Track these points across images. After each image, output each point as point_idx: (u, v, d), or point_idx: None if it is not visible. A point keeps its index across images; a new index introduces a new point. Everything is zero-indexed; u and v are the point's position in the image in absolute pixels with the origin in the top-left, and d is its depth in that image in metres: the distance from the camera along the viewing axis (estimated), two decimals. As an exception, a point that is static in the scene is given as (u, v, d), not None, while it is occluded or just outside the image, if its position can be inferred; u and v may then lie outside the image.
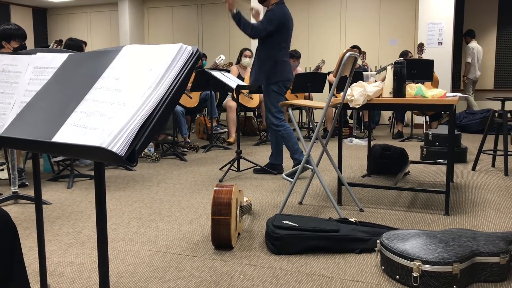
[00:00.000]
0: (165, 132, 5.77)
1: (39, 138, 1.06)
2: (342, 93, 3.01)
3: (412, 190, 3.31)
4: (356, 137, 6.69)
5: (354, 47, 6.95)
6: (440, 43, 7.76)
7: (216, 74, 4.40)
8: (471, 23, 8.65)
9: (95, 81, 1.12)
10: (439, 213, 3.01)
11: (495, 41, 8.59)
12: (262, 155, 5.39)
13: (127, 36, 10.45)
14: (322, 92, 7.11)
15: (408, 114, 8.02)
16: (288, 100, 3.29)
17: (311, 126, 6.82)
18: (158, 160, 5.06)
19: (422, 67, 5.82)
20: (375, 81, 3.41)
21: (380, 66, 8.48)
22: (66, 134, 1.03)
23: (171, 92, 1.02)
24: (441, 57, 7.69)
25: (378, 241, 2.16)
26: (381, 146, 4.32)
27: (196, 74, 5.58)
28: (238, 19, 3.97)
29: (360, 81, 3.11)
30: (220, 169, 4.58)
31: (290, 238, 2.33)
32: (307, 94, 6.89)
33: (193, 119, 7.39)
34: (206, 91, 6.26)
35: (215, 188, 2.41)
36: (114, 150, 0.94)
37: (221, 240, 2.38)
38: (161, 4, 10.75)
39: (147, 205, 3.30)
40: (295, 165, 4.16)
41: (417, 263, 1.91)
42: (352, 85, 3.04)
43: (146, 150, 5.20)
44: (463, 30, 8.56)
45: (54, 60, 1.31)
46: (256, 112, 7.55)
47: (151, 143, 5.51)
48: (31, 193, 3.53)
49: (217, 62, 6.85)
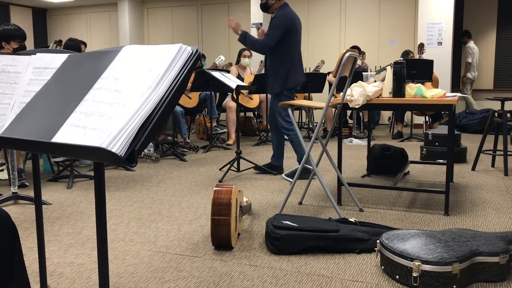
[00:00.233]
0: (165, 133, 5.77)
1: (39, 139, 1.06)
2: (342, 93, 3.01)
3: (412, 190, 3.31)
4: (356, 137, 6.69)
5: (354, 47, 6.95)
6: (440, 43, 7.76)
7: (216, 75, 4.41)
8: (471, 23, 8.65)
9: (95, 82, 1.12)
10: (439, 213, 3.01)
11: (495, 41, 8.59)
12: (262, 155, 5.39)
13: (127, 37, 10.44)
14: (322, 92, 7.11)
15: (408, 114, 8.02)
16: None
17: (311, 126, 6.82)
18: (158, 161, 5.06)
19: (422, 67, 5.82)
20: (375, 81, 3.41)
21: (380, 66, 8.48)
22: (66, 135, 1.03)
23: (171, 93, 1.02)
24: (441, 57, 7.69)
25: (378, 241, 2.16)
26: (381, 146, 4.32)
27: (196, 75, 5.58)
28: (244, 39, 3.94)
29: (360, 81, 3.11)
30: (220, 169, 4.58)
31: (290, 238, 2.34)
32: (307, 94, 6.90)
33: (193, 120, 7.39)
34: (206, 92, 6.26)
35: (215, 189, 2.41)
36: (114, 151, 0.94)
37: (221, 240, 2.38)
38: (161, 5, 10.75)
39: (147, 206, 3.30)
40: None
41: (417, 263, 1.91)
42: (352, 85, 3.04)
43: (146, 151, 5.20)
44: (463, 30, 8.56)
45: (54, 61, 1.31)
46: (256, 113, 7.55)
47: (151, 144, 5.51)
48: (31, 194, 3.52)
49: (217, 63, 6.85)
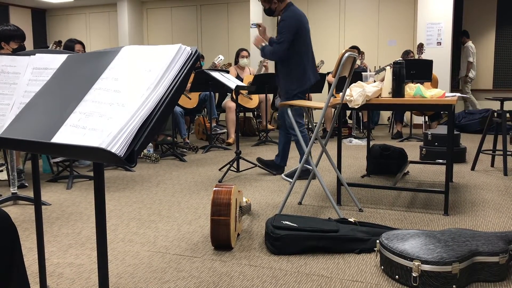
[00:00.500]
0: (164, 133, 5.77)
1: (38, 139, 1.06)
2: (341, 94, 3.01)
3: (412, 190, 3.32)
4: (356, 137, 6.69)
5: (353, 48, 6.95)
6: (439, 43, 7.76)
7: (215, 75, 4.40)
8: (470, 23, 8.66)
9: (94, 82, 1.12)
10: (438, 213, 3.02)
11: (494, 41, 8.60)
12: (262, 156, 5.39)
13: (126, 37, 10.44)
14: (321, 93, 7.12)
15: (408, 114, 8.02)
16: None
17: (310, 127, 6.82)
18: (158, 161, 5.06)
19: (421, 67, 5.83)
20: (374, 81, 3.41)
21: (379, 67, 8.49)
22: (65, 135, 1.03)
23: (170, 93, 1.02)
24: (440, 57, 7.70)
25: (378, 241, 2.16)
26: (381, 146, 4.32)
27: (196, 75, 5.58)
28: (264, 54, 3.94)
29: (359, 81, 3.11)
30: (220, 170, 4.58)
31: (290, 239, 2.34)
32: (306, 95, 6.89)
33: (193, 120, 7.39)
34: (205, 92, 6.26)
35: (215, 189, 2.41)
36: (113, 151, 0.94)
37: (221, 241, 2.38)
38: (160, 5, 10.75)
39: (147, 206, 3.30)
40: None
41: (417, 263, 1.91)
42: (351, 86, 3.04)
43: (146, 151, 5.20)
44: (462, 30, 8.57)
45: (53, 61, 1.31)
46: (256, 113, 7.55)
47: (151, 144, 5.51)
48: (31, 194, 3.52)
49: (216, 63, 6.85)
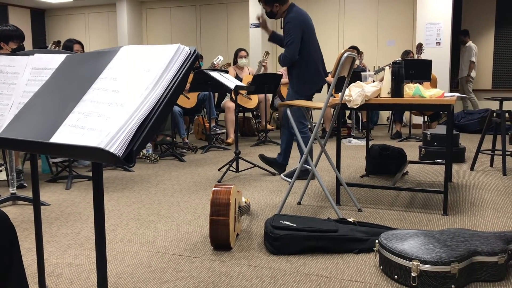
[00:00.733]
0: (164, 133, 5.77)
1: (37, 139, 1.06)
2: (340, 94, 3.01)
3: (411, 190, 3.32)
4: (355, 137, 6.70)
5: (352, 48, 6.95)
6: (438, 43, 7.77)
7: (215, 75, 4.40)
8: (469, 23, 8.66)
9: (93, 82, 1.12)
10: (438, 213, 3.02)
11: (493, 41, 8.60)
12: (261, 156, 5.39)
13: (125, 37, 10.44)
14: (321, 93, 7.09)
15: (407, 114, 8.02)
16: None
17: (310, 127, 6.81)
18: (157, 161, 5.06)
19: (420, 67, 5.83)
20: (373, 81, 3.41)
21: (378, 67, 8.49)
22: (64, 135, 1.03)
23: (169, 93, 1.02)
24: (439, 57, 7.70)
25: (377, 241, 2.16)
26: (380, 146, 4.32)
27: (195, 75, 5.58)
28: (282, 63, 3.91)
29: (358, 81, 3.11)
30: (219, 170, 4.58)
31: (289, 239, 2.34)
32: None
33: (192, 120, 7.39)
34: (205, 92, 6.26)
35: (214, 189, 2.41)
36: (112, 151, 0.94)
37: (220, 241, 2.38)
38: (159, 5, 10.75)
39: (146, 206, 3.29)
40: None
41: (416, 263, 1.91)
42: (350, 86, 3.04)
43: (145, 151, 5.19)
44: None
45: (52, 61, 1.31)
46: (255, 113, 7.55)
47: (150, 144, 5.51)
48: (30, 194, 3.52)
49: (215, 63, 6.85)
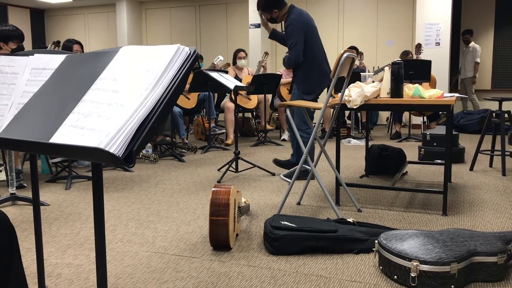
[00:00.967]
0: (163, 133, 5.77)
1: (37, 139, 1.06)
2: (340, 94, 3.01)
3: (410, 191, 3.32)
4: (354, 138, 6.70)
5: (352, 48, 6.96)
6: (438, 44, 7.77)
7: (214, 75, 4.40)
8: (469, 24, 8.67)
9: (93, 82, 1.12)
10: (437, 213, 3.02)
11: (492, 42, 8.61)
12: (261, 156, 5.39)
13: (125, 37, 10.44)
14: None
15: (406, 115, 8.03)
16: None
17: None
18: (156, 161, 5.06)
19: (420, 68, 5.83)
20: (373, 82, 3.41)
21: (378, 67, 8.49)
22: (64, 135, 1.03)
23: (169, 93, 1.02)
24: (439, 58, 7.71)
25: (376, 242, 2.16)
26: (379, 147, 4.32)
27: (194, 75, 5.58)
28: (288, 65, 3.90)
29: (358, 82, 3.12)
30: (218, 170, 4.58)
31: (288, 239, 2.34)
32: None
33: (191, 120, 7.39)
34: (204, 92, 6.26)
35: (213, 189, 2.41)
36: (112, 151, 0.94)
37: (219, 241, 2.38)
38: (159, 5, 10.75)
39: (145, 206, 3.29)
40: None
41: (415, 263, 1.92)
42: (350, 86, 3.05)
43: (144, 151, 5.19)
44: (461, 31, 8.57)
45: (52, 61, 1.31)
46: (254, 113, 7.55)
47: (149, 144, 5.51)
48: (29, 195, 3.52)
49: (215, 63, 6.86)
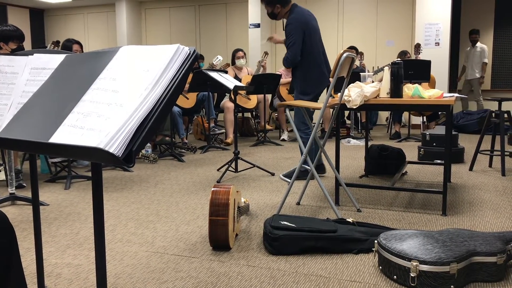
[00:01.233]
0: (163, 133, 5.77)
1: (36, 139, 1.06)
2: (340, 94, 3.01)
3: (410, 191, 3.32)
4: (354, 138, 6.70)
5: (351, 48, 6.96)
6: (437, 44, 7.77)
7: (214, 75, 4.40)
8: (468, 24, 8.67)
9: (92, 82, 1.12)
10: (437, 213, 3.02)
11: (492, 42, 8.61)
12: (260, 156, 5.39)
13: (125, 37, 10.43)
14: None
15: (406, 115, 8.03)
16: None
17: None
18: (156, 161, 5.05)
19: (419, 68, 5.83)
20: (372, 82, 3.41)
21: (378, 67, 8.49)
22: (63, 135, 1.03)
23: (168, 93, 1.02)
24: (438, 58, 7.71)
25: (376, 242, 2.17)
26: (379, 147, 4.32)
27: (194, 75, 5.58)
28: (286, 65, 3.92)
29: (358, 82, 3.12)
30: (218, 170, 4.58)
31: (288, 239, 2.34)
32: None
33: (191, 120, 7.39)
34: (204, 92, 6.26)
35: (213, 189, 2.41)
36: (111, 151, 0.94)
37: (219, 241, 2.38)
38: (159, 5, 10.74)
39: (145, 206, 3.29)
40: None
41: (415, 263, 1.92)
42: (350, 86, 3.05)
43: (144, 151, 5.19)
44: (460, 31, 8.57)
45: (51, 61, 1.30)
46: (254, 113, 7.55)
47: (149, 144, 5.51)
48: (29, 195, 3.52)
49: (214, 63, 6.85)
